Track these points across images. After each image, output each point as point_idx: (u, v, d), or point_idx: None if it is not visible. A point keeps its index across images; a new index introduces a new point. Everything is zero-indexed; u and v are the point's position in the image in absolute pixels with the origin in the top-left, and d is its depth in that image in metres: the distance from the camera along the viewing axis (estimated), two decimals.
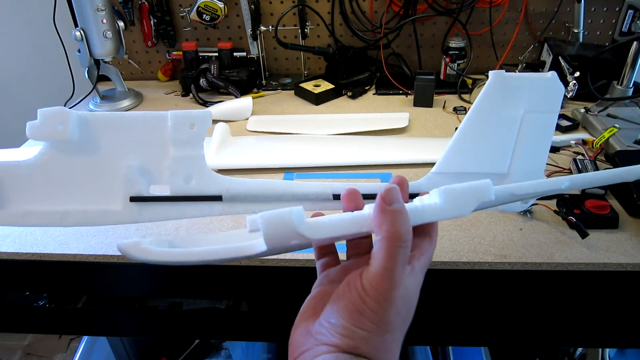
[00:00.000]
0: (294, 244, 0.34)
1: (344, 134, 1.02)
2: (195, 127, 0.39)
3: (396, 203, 0.33)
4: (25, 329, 1.26)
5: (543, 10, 1.23)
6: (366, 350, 0.31)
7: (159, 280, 0.78)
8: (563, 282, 0.69)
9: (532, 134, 0.40)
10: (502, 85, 0.40)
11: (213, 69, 1.23)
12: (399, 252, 0.32)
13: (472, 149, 0.40)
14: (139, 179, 0.39)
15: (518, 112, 0.40)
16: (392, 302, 0.32)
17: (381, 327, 0.32)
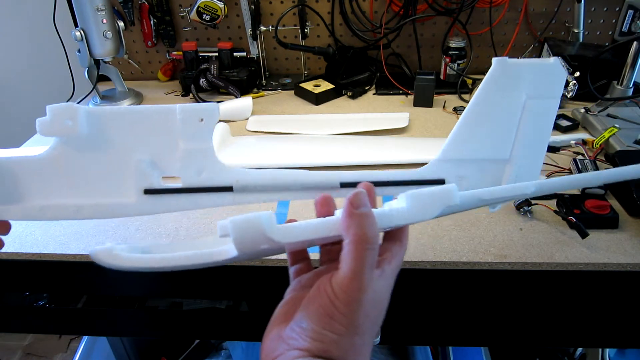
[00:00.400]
0: (264, 249, 0.35)
1: (344, 134, 1.02)
2: (204, 121, 0.40)
3: (363, 207, 0.33)
4: (25, 329, 1.26)
5: (543, 10, 1.23)
6: (337, 354, 0.31)
7: (159, 280, 0.78)
8: (563, 282, 0.69)
9: (533, 119, 0.40)
10: (505, 72, 0.40)
11: (213, 69, 1.23)
12: (367, 255, 0.32)
13: (475, 136, 0.41)
14: (151, 171, 0.40)
15: (520, 98, 0.40)
16: (362, 304, 0.32)
17: (351, 329, 0.32)
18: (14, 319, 0.87)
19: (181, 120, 0.39)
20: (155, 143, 0.40)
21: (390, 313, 0.81)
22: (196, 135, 0.40)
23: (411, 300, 0.76)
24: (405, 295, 0.75)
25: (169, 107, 0.39)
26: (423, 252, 0.69)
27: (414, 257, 0.69)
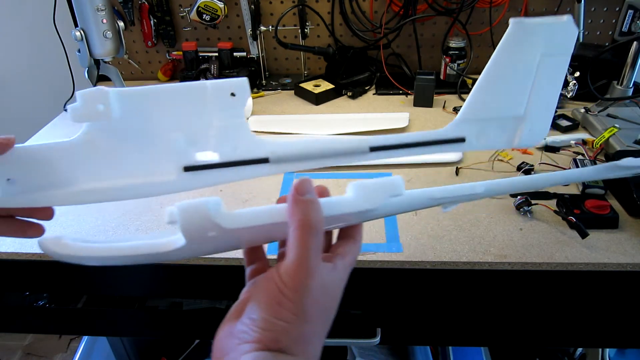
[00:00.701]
0: (212, 237, 0.35)
1: (344, 134, 1.02)
2: (235, 95, 0.40)
3: (308, 194, 0.34)
4: (25, 329, 1.26)
5: (543, 10, 1.23)
6: (286, 344, 0.31)
7: (159, 280, 0.78)
8: (563, 282, 0.69)
9: (547, 76, 0.42)
10: (522, 32, 0.41)
11: (213, 69, 1.23)
12: (311, 241, 0.33)
13: (493, 95, 0.43)
14: (187, 149, 0.40)
15: (535, 56, 0.41)
16: (309, 290, 0.32)
17: (300, 317, 0.32)
18: (14, 319, 0.87)
19: (212, 96, 0.39)
20: (189, 120, 0.40)
21: (391, 313, 0.81)
22: (229, 110, 0.40)
23: (411, 300, 0.76)
24: (405, 295, 0.75)
25: (199, 84, 0.39)
26: (423, 252, 0.69)
27: (414, 257, 0.69)
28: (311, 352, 0.33)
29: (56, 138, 0.40)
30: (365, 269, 0.70)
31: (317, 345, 0.34)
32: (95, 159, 0.39)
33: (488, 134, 0.43)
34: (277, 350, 0.31)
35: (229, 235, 0.36)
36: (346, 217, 0.38)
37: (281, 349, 0.31)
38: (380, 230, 0.74)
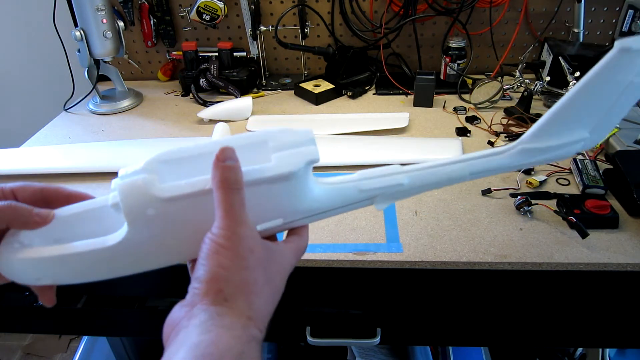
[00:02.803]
0: (152, 217, 0.36)
1: (344, 134, 1.02)
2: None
3: (229, 160, 0.35)
4: (25, 329, 1.26)
5: (543, 10, 1.23)
6: (229, 291, 0.32)
7: (159, 280, 0.78)
8: (563, 282, 0.69)
9: (625, 99, 0.40)
10: (625, 58, 0.38)
11: (213, 69, 1.23)
12: (233, 194, 0.35)
13: (567, 123, 0.41)
14: None
15: (625, 81, 0.39)
16: (240, 237, 0.34)
17: (236, 262, 0.33)
18: (14, 319, 0.87)
19: None
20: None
21: (391, 313, 0.81)
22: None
23: (411, 300, 0.76)
24: (405, 295, 0.75)
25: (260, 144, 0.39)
26: (423, 252, 0.69)
27: (414, 257, 0.69)
28: (257, 303, 0.34)
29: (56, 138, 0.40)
30: (365, 269, 0.70)
31: (264, 300, 0.35)
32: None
33: (548, 158, 0.42)
34: (223, 301, 0.32)
35: (169, 218, 0.37)
36: (270, 188, 0.38)
37: (225, 298, 0.32)
38: (380, 230, 0.74)
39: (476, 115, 1.08)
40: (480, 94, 1.12)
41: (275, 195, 0.38)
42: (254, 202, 0.37)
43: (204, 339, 0.30)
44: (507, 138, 0.99)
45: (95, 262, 0.40)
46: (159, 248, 0.39)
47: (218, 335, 0.30)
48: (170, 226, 0.38)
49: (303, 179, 0.39)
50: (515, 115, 1.04)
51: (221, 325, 0.31)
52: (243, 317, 0.32)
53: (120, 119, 1.18)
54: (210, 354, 0.29)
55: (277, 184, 0.38)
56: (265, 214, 0.39)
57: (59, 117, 1.20)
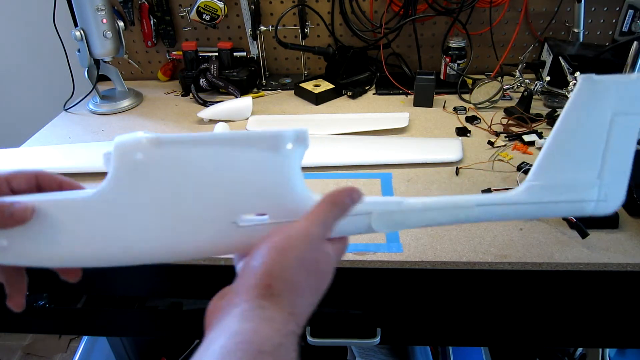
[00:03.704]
0: (138, 159, 0.35)
1: (344, 134, 1.02)
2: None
3: (354, 199, 0.38)
4: (25, 329, 1.26)
5: (543, 10, 1.23)
6: (278, 288, 0.33)
7: (159, 280, 0.78)
8: (563, 282, 0.69)
9: (619, 137, 0.40)
10: (591, 90, 0.40)
11: (213, 69, 1.23)
12: (334, 212, 0.37)
13: (564, 159, 0.41)
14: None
15: (606, 115, 0.40)
16: (313, 247, 0.35)
17: (297, 264, 0.34)
18: (14, 319, 0.87)
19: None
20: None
21: (391, 313, 0.81)
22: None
23: (411, 300, 0.76)
24: (405, 295, 0.75)
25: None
26: (423, 252, 0.69)
27: (414, 257, 0.69)
28: (300, 304, 0.34)
29: (56, 138, 0.40)
30: (365, 269, 0.70)
31: (307, 302, 0.35)
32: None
33: (559, 200, 0.41)
34: (269, 295, 0.32)
35: (157, 170, 0.36)
36: (258, 158, 0.37)
37: (272, 294, 0.32)
38: None
39: (476, 115, 1.08)
40: (480, 94, 1.12)
41: (262, 172, 0.37)
42: (241, 172, 0.37)
43: (245, 328, 0.30)
44: (507, 138, 0.99)
45: (71, 221, 0.36)
46: (142, 215, 0.36)
47: (259, 325, 0.31)
48: (157, 183, 0.36)
49: (291, 163, 0.38)
50: (515, 115, 1.04)
51: (263, 317, 0.31)
52: (285, 312, 0.33)
53: (120, 119, 1.18)
54: (250, 341, 0.29)
55: (265, 153, 0.37)
56: (249, 199, 0.37)
57: (59, 117, 1.20)
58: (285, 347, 0.31)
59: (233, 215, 0.37)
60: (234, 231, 0.38)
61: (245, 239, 0.38)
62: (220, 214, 0.37)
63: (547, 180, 0.41)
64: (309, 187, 0.39)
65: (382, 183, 0.86)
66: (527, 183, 0.42)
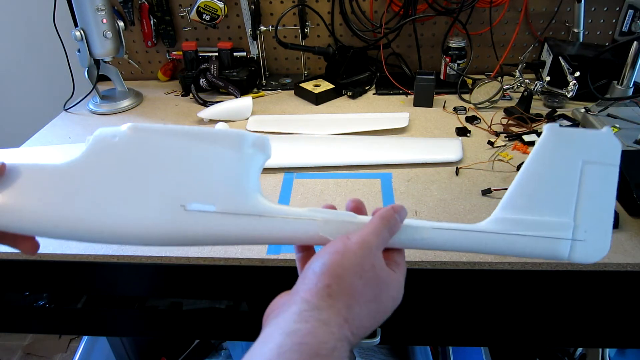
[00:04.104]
0: (114, 142, 0.39)
1: (344, 134, 1.02)
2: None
3: (400, 215, 0.41)
4: (25, 329, 1.26)
5: (543, 10, 1.23)
6: (336, 290, 0.34)
7: (159, 280, 0.78)
8: (563, 282, 0.69)
9: (593, 185, 0.41)
10: (558, 139, 0.41)
11: (213, 69, 1.23)
12: (386, 227, 0.39)
13: (533, 194, 0.42)
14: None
15: (576, 162, 0.41)
16: (372, 252, 0.37)
17: (356, 268, 0.35)
18: (14, 319, 0.87)
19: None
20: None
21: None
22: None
23: (411, 300, 0.76)
24: (405, 295, 0.75)
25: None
26: (423, 252, 0.69)
27: (414, 257, 0.69)
28: (356, 311, 0.34)
29: (56, 138, 0.41)
30: None
31: (365, 312, 0.35)
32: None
33: (529, 235, 0.41)
34: (327, 296, 0.33)
35: (131, 152, 0.39)
36: (216, 152, 0.40)
37: (330, 295, 0.33)
38: None
39: (476, 115, 1.08)
40: (480, 94, 1.12)
41: (220, 166, 0.40)
42: (201, 163, 0.40)
43: (302, 328, 0.31)
44: (507, 138, 0.99)
45: (38, 186, 0.38)
46: (106, 188, 0.38)
47: (315, 327, 0.31)
48: (125, 162, 0.39)
49: (249, 164, 0.41)
50: (515, 115, 1.04)
51: (319, 319, 0.32)
52: (340, 317, 0.33)
53: (120, 119, 1.18)
54: (307, 343, 0.30)
55: (228, 150, 0.40)
56: (202, 189, 0.40)
57: (59, 117, 1.20)
58: (339, 351, 0.31)
59: (184, 200, 0.39)
60: (181, 214, 0.39)
61: (190, 225, 0.39)
62: (173, 195, 0.39)
63: (516, 215, 0.41)
64: (269, 198, 0.42)
65: (382, 183, 0.86)
66: (495, 215, 0.42)
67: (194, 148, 0.40)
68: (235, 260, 0.70)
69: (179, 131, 0.40)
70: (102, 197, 0.38)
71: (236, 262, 0.70)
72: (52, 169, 0.38)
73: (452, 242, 0.42)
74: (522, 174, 0.42)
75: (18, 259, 0.73)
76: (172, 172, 0.40)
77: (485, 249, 0.42)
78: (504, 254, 0.42)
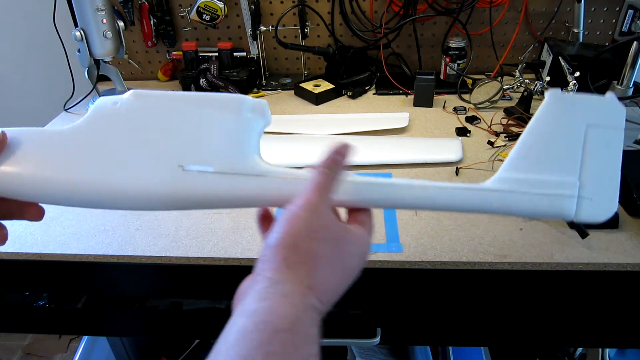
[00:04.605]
0: (115, 108, 0.40)
1: (344, 134, 1.02)
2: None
3: (343, 155, 0.41)
4: (25, 329, 1.26)
5: (543, 10, 1.23)
6: (294, 260, 0.33)
7: (159, 280, 0.78)
8: (563, 282, 0.69)
9: (599, 147, 0.41)
10: (560, 104, 0.41)
11: (213, 69, 1.23)
12: (329, 177, 0.38)
13: (537, 155, 0.41)
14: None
15: (580, 126, 0.41)
16: (320, 211, 0.36)
17: (308, 232, 0.34)
18: (14, 319, 0.87)
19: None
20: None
21: (391, 313, 0.81)
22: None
23: (411, 300, 0.76)
24: (405, 295, 0.75)
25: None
26: (423, 252, 0.69)
27: (414, 257, 0.69)
28: (320, 275, 0.34)
29: None
30: (365, 269, 0.69)
31: (329, 274, 0.34)
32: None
33: (535, 192, 0.41)
34: (285, 268, 0.33)
35: (133, 117, 0.39)
36: (214, 116, 0.41)
37: (289, 266, 0.33)
38: (380, 230, 0.74)
39: (476, 115, 1.08)
40: (480, 94, 1.12)
41: (220, 129, 0.41)
42: (201, 126, 0.40)
43: (261, 307, 0.30)
44: (507, 138, 0.99)
45: (41, 152, 0.39)
46: (108, 151, 0.39)
47: (274, 303, 0.31)
48: (127, 124, 0.40)
49: (248, 128, 0.42)
50: (515, 115, 1.04)
51: (278, 293, 0.31)
52: (303, 285, 0.32)
53: None
54: (266, 321, 0.29)
55: (227, 114, 0.41)
56: (200, 151, 0.40)
57: (59, 117, 1.20)
58: (304, 322, 0.30)
59: (183, 161, 0.40)
60: (180, 175, 0.40)
61: (188, 185, 0.40)
62: (172, 157, 0.40)
63: (520, 174, 0.41)
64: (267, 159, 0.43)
65: None
66: (498, 175, 0.42)
67: (193, 112, 0.41)
68: (235, 260, 0.70)
69: (179, 97, 0.41)
70: (104, 159, 0.39)
71: (236, 262, 0.70)
72: (55, 134, 0.39)
73: (456, 201, 0.41)
74: (525, 136, 0.41)
75: (18, 259, 0.73)
76: (172, 135, 0.40)
77: (489, 208, 0.41)
78: (509, 212, 0.41)
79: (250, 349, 0.28)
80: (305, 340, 0.30)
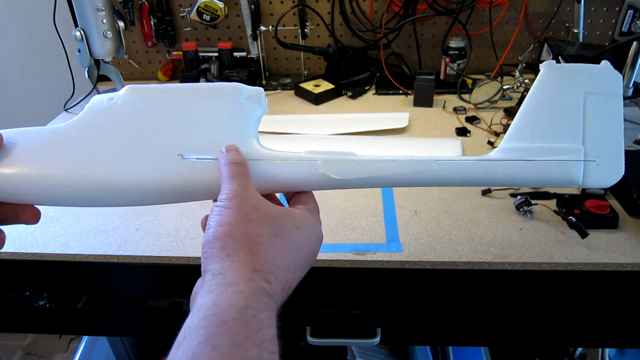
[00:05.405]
0: (110, 103, 0.40)
1: (344, 134, 1.02)
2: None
3: (233, 150, 0.41)
4: (25, 329, 1.26)
5: (543, 10, 1.23)
6: (232, 247, 0.33)
7: (159, 280, 0.78)
8: (563, 282, 0.69)
9: (599, 114, 0.41)
10: (556, 74, 0.41)
11: (213, 69, 1.23)
12: (236, 167, 0.39)
13: (538, 123, 0.41)
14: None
15: (578, 94, 0.41)
16: (243, 196, 0.36)
17: (238, 217, 0.35)
18: (14, 319, 0.87)
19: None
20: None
21: (391, 313, 0.81)
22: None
23: (411, 300, 0.76)
24: (405, 295, 0.75)
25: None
26: (423, 252, 0.69)
27: (414, 257, 0.69)
28: (263, 255, 0.33)
29: None
30: (365, 269, 0.70)
31: (273, 252, 0.34)
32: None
33: (548, 166, 0.41)
34: (226, 257, 0.32)
35: (127, 109, 0.40)
36: (213, 106, 0.42)
37: (229, 254, 0.32)
38: (380, 230, 0.74)
39: (476, 115, 1.08)
40: (480, 94, 1.12)
41: (218, 118, 0.41)
42: (198, 116, 0.41)
43: (206, 300, 0.30)
44: None
45: (39, 150, 0.39)
46: (106, 145, 0.39)
47: (219, 294, 0.30)
48: (123, 119, 0.40)
49: (245, 115, 0.42)
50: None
51: (222, 283, 0.31)
52: (247, 270, 0.32)
53: None
54: (213, 314, 0.29)
55: (224, 103, 0.41)
56: (199, 140, 0.41)
57: (59, 117, 1.20)
58: (253, 308, 0.30)
59: (182, 149, 0.40)
60: (179, 163, 0.40)
61: (188, 174, 0.40)
62: (171, 147, 0.40)
63: (523, 143, 0.41)
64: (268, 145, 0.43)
65: None
66: (501, 146, 0.42)
67: (190, 102, 0.41)
68: None
69: (175, 88, 0.42)
70: (102, 154, 0.39)
71: None
72: (50, 132, 0.39)
73: (462, 173, 0.41)
74: (525, 108, 0.41)
75: (18, 259, 0.73)
76: (170, 125, 0.41)
77: (495, 178, 0.41)
78: (516, 181, 0.41)
79: (197, 344, 0.28)
80: (256, 326, 0.29)
